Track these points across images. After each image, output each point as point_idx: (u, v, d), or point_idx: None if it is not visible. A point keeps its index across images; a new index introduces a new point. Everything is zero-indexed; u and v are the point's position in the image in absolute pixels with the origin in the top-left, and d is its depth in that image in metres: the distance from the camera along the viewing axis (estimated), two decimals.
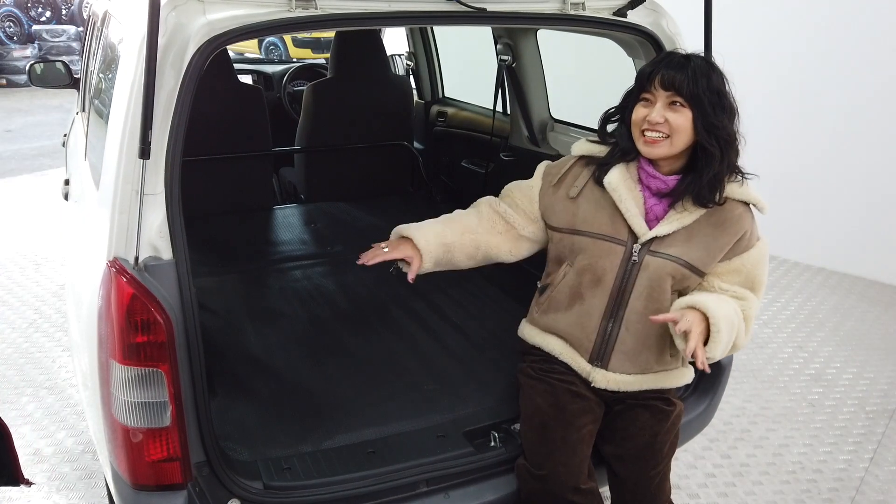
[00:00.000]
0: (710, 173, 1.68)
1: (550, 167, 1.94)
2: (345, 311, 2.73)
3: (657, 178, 1.75)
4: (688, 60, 1.68)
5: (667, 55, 1.75)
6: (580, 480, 1.76)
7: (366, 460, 1.83)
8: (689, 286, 1.79)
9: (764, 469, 2.84)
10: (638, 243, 1.75)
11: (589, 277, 1.80)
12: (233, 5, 1.57)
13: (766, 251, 1.80)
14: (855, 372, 3.60)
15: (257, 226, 3.53)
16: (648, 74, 1.70)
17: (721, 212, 1.74)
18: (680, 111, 1.66)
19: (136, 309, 1.48)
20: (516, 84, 3.12)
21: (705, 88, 1.65)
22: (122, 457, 1.59)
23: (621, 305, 1.78)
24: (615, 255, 1.77)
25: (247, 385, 2.21)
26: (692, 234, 1.74)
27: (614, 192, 1.76)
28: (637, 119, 1.71)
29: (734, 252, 1.77)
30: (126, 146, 1.51)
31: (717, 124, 1.66)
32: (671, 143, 1.68)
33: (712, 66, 1.71)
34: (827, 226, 4.85)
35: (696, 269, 1.75)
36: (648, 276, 1.75)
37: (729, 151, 1.70)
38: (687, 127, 1.66)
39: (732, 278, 1.78)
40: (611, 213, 1.78)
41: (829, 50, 4.65)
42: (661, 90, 1.67)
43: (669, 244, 1.74)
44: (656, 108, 1.67)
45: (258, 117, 3.44)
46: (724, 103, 1.68)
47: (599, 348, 1.81)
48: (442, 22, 1.99)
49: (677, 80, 1.65)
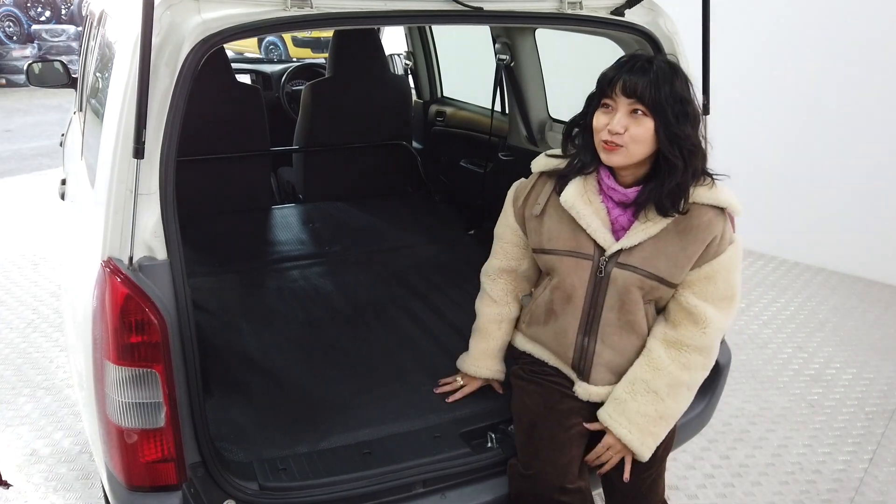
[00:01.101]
0: (671, 183, 1.63)
1: (517, 190, 1.90)
2: (342, 312, 2.72)
3: (617, 191, 1.70)
4: (651, 65, 1.61)
5: (630, 59, 1.66)
6: (567, 480, 1.74)
7: (362, 461, 1.82)
8: (661, 296, 1.75)
9: (763, 470, 2.84)
10: (605, 256, 1.71)
11: (559, 295, 1.78)
12: (228, 4, 1.57)
13: (738, 255, 1.74)
14: (854, 372, 3.59)
15: (255, 225, 3.52)
16: (610, 80, 1.63)
17: (688, 219, 1.68)
18: (641, 120, 1.60)
19: (130, 309, 1.47)
20: (515, 83, 3.11)
21: (668, 96, 1.58)
22: (116, 457, 1.59)
23: (595, 319, 1.75)
24: (583, 270, 1.73)
25: (242, 385, 2.20)
26: (659, 244, 1.68)
27: (571, 209, 1.72)
28: (598, 126, 1.65)
29: (704, 259, 1.71)
30: (120, 146, 1.51)
31: (679, 134, 1.60)
32: (628, 152, 1.62)
33: (676, 70, 1.64)
34: (827, 226, 4.84)
35: (664, 280, 1.70)
36: (617, 289, 1.71)
37: (692, 160, 1.63)
38: (648, 137, 1.60)
39: (706, 288, 1.72)
40: (573, 228, 1.73)
41: (830, 49, 4.64)
42: (622, 97, 1.60)
43: (636, 256, 1.69)
44: (617, 116, 1.61)
45: (256, 117, 3.43)
46: (688, 110, 1.62)
47: (579, 362, 1.79)
48: (439, 21, 1.99)
49: (639, 87, 1.58)
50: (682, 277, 1.72)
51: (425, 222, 3.62)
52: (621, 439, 1.74)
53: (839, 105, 4.66)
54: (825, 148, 4.78)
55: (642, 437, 1.73)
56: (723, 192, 1.71)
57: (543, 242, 1.79)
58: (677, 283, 1.72)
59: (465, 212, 3.62)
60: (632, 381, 1.75)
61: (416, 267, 3.11)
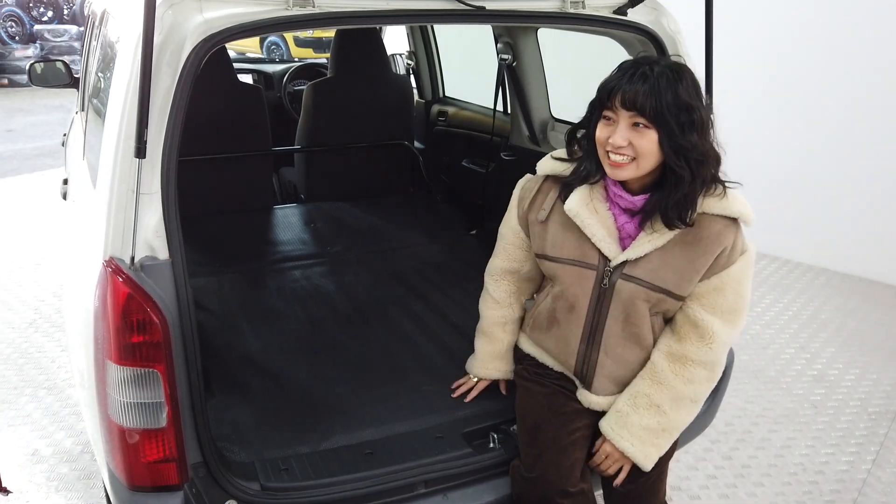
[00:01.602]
0: (678, 194, 1.56)
1: (524, 189, 1.85)
2: (344, 312, 2.72)
3: (624, 198, 1.64)
4: (652, 71, 1.52)
5: (631, 65, 1.57)
6: (569, 483, 1.73)
7: (364, 461, 1.82)
8: (668, 309, 1.71)
9: (765, 470, 2.83)
10: (609, 267, 1.66)
11: (563, 304, 1.75)
12: (230, 3, 1.56)
13: (750, 265, 1.68)
14: (857, 373, 3.58)
15: (257, 225, 3.52)
16: (610, 91, 1.55)
17: (696, 230, 1.61)
18: (644, 133, 1.52)
19: (131, 309, 1.47)
20: (517, 83, 3.11)
21: (671, 105, 1.49)
22: (118, 457, 1.58)
23: (598, 330, 1.71)
24: (587, 280, 1.69)
25: (244, 385, 2.20)
26: (666, 256, 1.63)
27: (576, 218, 1.67)
28: (600, 139, 1.59)
29: (713, 271, 1.65)
30: (122, 145, 1.50)
31: (685, 144, 1.51)
32: (637, 165, 1.55)
33: (680, 74, 1.54)
34: (830, 226, 4.83)
35: (670, 293, 1.65)
36: (622, 301, 1.67)
37: (701, 170, 1.56)
38: (653, 149, 1.53)
39: (716, 300, 1.66)
40: (579, 236, 1.68)
41: (832, 49, 4.63)
42: (622, 110, 1.53)
43: (642, 267, 1.64)
44: (618, 130, 1.54)
45: (258, 117, 3.43)
46: (694, 118, 1.52)
47: (581, 371, 1.77)
48: (440, 20, 1.98)
49: (639, 99, 1.49)
50: (690, 290, 1.67)
51: (427, 222, 3.61)
52: (624, 452, 1.73)
53: (843, 105, 4.65)
54: (828, 148, 4.77)
55: (645, 449, 1.72)
56: (734, 202, 1.63)
57: (547, 249, 1.75)
58: (685, 295, 1.67)
59: (466, 212, 3.62)
60: (634, 395, 1.73)
61: (417, 267, 3.11)
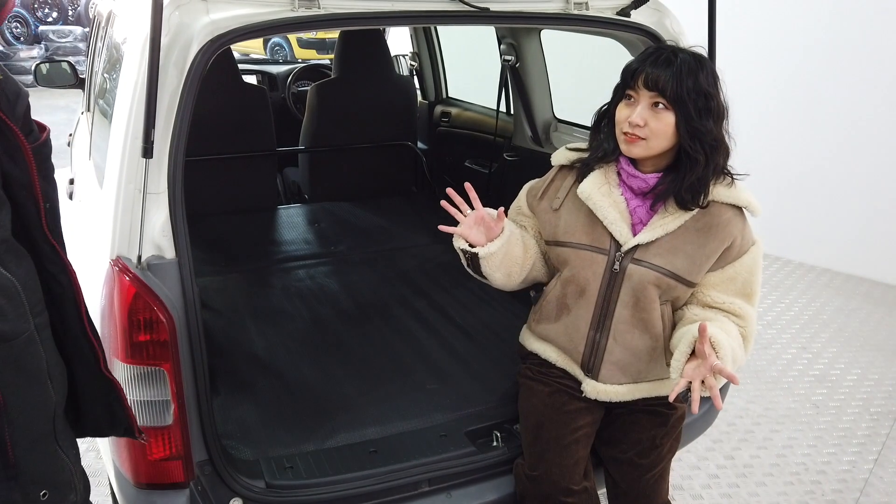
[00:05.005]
0: (692, 177, 1.61)
1: (533, 184, 1.89)
2: (348, 311, 2.74)
3: (637, 177, 1.68)
4: (675, 57, 1.59)
5: (655, 50, 1.65)
6: (573, 482, 1.74)
7: (368, 459, 1.83)
8: (678, 296, 1.73)
9: (767, 470, 2.84)
10: (621, 251, 1.69)
11: (573, 288, 1.76)
12: (236, 5, 1.58)
13: (759, 255, 1.73)
14: (859, 373, 3.59)
15: (261, 225, 3.53)
16: (633, 72, 1.62)
17: (707, 216, 1.67)
18: (662, 114, 1.59)
19: (138, 308, 1.49)
20: (520, 84, 3.12)
21: (691, 90, 1.56)
22: (124, 455, 1.60)
23: (607, 315, 1.73)
24: (597, 264, 1.71)
25: (249, 384, 2.22)
26: (677, 241, 1.67)
27: (589, 201, 1.71)
28: (620, 118, 1.65)
29: (725, 260, 1.69)
30: (129, 145, 1.52)
31: (701, 129, 1.58)
32: (647, 145, 1.61)
33: (701, 63, 1.61)
34: (832, 226, 4.84)
35: (681, 278, 1.68)
36: (632, 285, 1.69)
37: (714, 155, 1.62)
38: (668, 131, 1.59)
39: (728, 287, 1.70)
40: (591, 221, 1.72)
41: (836, 51, 4.63)
42: (644, 90, 1.59)
43: (653, 252, 1.67)
44: (638, 109, 1.60)
45: (262, 117, 3.45)
46: (711, 105, 1.59)
47: (589, 359, 1.78)
48: (445, 21, 2.00)
49: (661, 80, 1.56)
50: (700, 276, 1.70)
51: (430, 222, 3.62)
52: (720, 349, 1.54)
53: (845, 106, 4.65)
54: (830, 148, 4.77)
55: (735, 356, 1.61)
56: (742, 192, 1.69)
57: (559, 234, 1.78)
58: (695, 281, 1.70)
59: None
60: (725, 332, 1.62)
61: (420, 267, 3.12)
